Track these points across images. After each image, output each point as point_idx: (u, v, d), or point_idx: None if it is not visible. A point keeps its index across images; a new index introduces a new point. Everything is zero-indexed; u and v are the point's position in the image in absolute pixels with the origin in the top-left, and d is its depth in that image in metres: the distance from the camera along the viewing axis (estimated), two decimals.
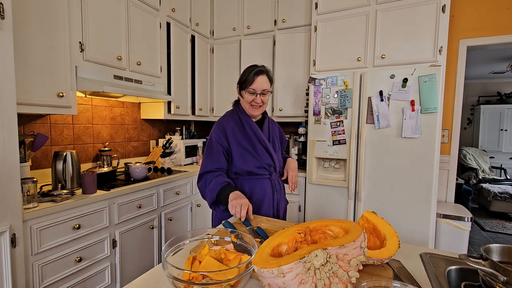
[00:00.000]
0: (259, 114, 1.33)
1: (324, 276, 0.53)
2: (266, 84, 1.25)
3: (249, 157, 1.27)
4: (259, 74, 1.24)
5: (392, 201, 1.98)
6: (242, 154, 1.27)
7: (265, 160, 1.29)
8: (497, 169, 5.01)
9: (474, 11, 2.29)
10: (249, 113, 1.29)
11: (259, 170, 1.28)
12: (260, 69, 1.26)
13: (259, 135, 1.30)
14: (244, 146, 1.28)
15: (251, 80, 1.23)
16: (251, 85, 1.23)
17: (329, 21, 2.40)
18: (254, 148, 1.28)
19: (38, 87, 1.48)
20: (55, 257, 1.40)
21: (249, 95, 1.25)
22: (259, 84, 1.24)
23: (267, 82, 1.26)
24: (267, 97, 1.29)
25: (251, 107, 1.27)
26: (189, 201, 2.40)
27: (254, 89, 1.24)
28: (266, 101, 1.29)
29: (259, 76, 1.24)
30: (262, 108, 1.29)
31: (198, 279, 0.58)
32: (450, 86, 2.38)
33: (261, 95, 1.25)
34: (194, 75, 2.85)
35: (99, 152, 2.10)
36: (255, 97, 1.25)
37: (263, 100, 1.27)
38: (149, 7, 2.23)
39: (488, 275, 0.61)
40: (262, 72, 1.25)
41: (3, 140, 1.15)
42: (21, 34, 1.39)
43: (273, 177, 1.34)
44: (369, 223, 0.83)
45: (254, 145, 1.28)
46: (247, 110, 1.29)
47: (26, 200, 1.30)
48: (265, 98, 1.27)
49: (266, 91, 1.26)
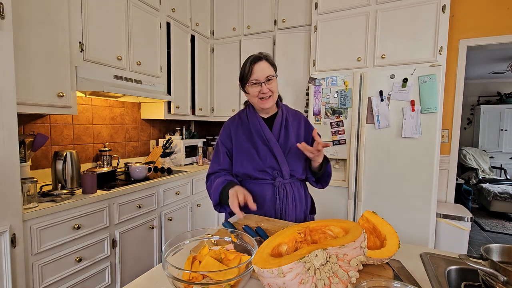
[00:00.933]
0: (272, 105, 1.18)
1: (324, 276, 0.53)
2: (268, 70, 1.12)
3: (247, 159, 1.17)
4: (256, 62, 1.11)
5: (392, 201, 1.98)
6: (240, 156, 1.18)
7: (267, 162, 1.15)
8: (497, 169, 5.00)
9: (474, 11, 2.28)
10: (260, 107, 1.16)
11: (260, 173, 1.16)
12: (256, 56, 1.13)
13: (264, 134, 1.17)
14: (244, 147, 1.18)
15: (250, 70, 1.11)
16: (251, 76, 1.11)
17: (329, 21, 2.40)
18: (256, 149, 1.17)
19: (38, 87, 1.48)
20: (55, 257, 1.40)
21: (254, 88, 1.12)
22: (259, 71, 1.11)
23: (269, 68, 1.13)
24: (275, 84, 1.14)
25: (260, 100, 1.14)
26: (189, 201, 2.40)
27: (256, 79, 1.11)
28: (275, 89, 1.15)
29: (256, 63, 1.11)
30: (272, 98, 1.15)
31: (198, 279, 0.58)
32: (450, 86, 2.38)
33: (266, 83, 1.11)
34: (194, 75, 2.86)
35: (99, 152, 2.10)
36: (260, 88, 1.11)
37: (270, 89, 1.12)
38: (149, 7, 2.23)
39: (488, 275, 0.61)
40: (259, 59, 1.12)
41: (3, 140, 1.15)
42: (21, 34, 1.39)
43: (277, 182, 1.16)
44: (369, 223, 0.83)
45: (256, 146, 1.17)
46: (258, 105, 1.16)
47: (26, 200, 1.30)
48: (272, 85, 1.13)
49: (270, 76, 1.12)
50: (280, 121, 1.20)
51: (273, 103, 1.17)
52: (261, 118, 1.21)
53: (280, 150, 1.16)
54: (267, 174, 1.16)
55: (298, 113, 1.29)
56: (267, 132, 1.17)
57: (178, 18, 2.57)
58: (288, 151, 1.17)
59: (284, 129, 1.20)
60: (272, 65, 1.15)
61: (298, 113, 1.29)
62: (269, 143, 1.16)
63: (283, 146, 1.17)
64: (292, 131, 1.20)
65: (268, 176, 1.17)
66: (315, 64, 2.47)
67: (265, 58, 1.14)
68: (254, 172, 1.16)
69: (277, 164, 1.16)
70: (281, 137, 1.18)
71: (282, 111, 1.22)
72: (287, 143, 1.18)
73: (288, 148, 1.18)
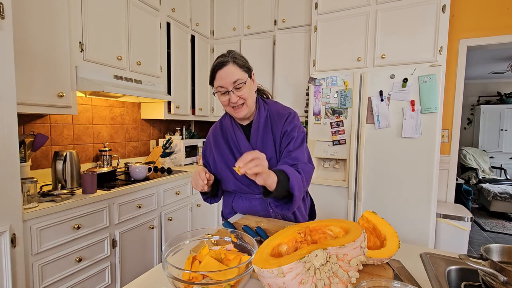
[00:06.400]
0: (247, 113, 1.04)
1: (324, 276, 0.53)
2: (236, 74, 0.96)
3: (231, 175, 1.09)
4: (221, 67, 0.96)
5: (392, 201, 1.98)
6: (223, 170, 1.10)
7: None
8: (497, 169, 5.00)
9: (474, 11, 2.28)
10: (234, 116, 1.04)
11: (248, 187, 1.09)
12: (220, 60, 0.97)
13: (239, 145, 1.07)
14: (226, 160, 1.09)
15: (214, 76, 0.98)
16: (216, 82, 0.98)
17: (329, 21, 2.40)
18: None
19: (38, 87, 1.48)
20: (55, 257, 1.39)
21: (222, 97, 0.99)
22: (224, 78, 0.95)
23: (237, 71, 0.96)
24: (246, 90, 0.98)
25: (233, 109, 1.01)
26: (189, 201, 2.40)
27: (222, 86, 0.97)
28: (248, 95, 0.99)
29: (221, 69, 0.96)
30: (246, 105, 1.01)
31: (198, 279, 0.58)
32: (450, 86, 2.38)
33: (235, 91, 0.96)
34: (194, 75, 2.85)
35: (99, 152, 2.10)
36: (229, 96, 0.97)
37: (241, 96, 0.97)
38: (149, 7, 2.23)
39: (488, 275, 0.61)
40: (223, 64, 0.96)
41: (3, 140, 1.15)
42: (21, 34, 1.39)
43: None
44: (369, 223, 0.83)
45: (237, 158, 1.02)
46: (231, 114, 1.05)
47: (26, 200, 1.30)
48: (243, 92, 0.97)
49: (239, 82, 0.96)
50: (256, 128, 1.06)
51: (248, 111, 1.03)
52: (238, 127, 1.10)
53: None
54: (254, 187, 1.07)
55: (283, 112, 1.09)
56: (243, 144, 1.07)
57: (178, 18, 2.57)
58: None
59: (262, 137, 1.06)
60: (241, 67, 0.98)
61: (283, 111, 1.09)
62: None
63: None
64: (270, 138, 1.06)
65: (256, 190, 1.08)
66: (315, 64, 2.47)
67: (233, 60, 0.97)
68: (241, 186, 1.09)
69: None
70: (258, 147, 1.05)
71: (259, 115, 1.07)
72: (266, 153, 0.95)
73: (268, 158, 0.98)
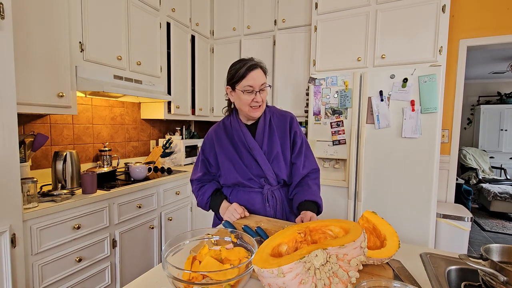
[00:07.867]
0: (260, 114, 1.15)
1: (324, 276, 0.53)
2: (263, 78, 1.09)
3: (233, 168, 1.15)
4: (253, 69, 1.07)
5: (392, 201, 1.98)
6: (225, 165, 1.16)
7: (253, 171, 1.14)
8: (497, 169, 5.00)
9: (474, 11, 2.28)
10: (251, 115, 1.12)
11: (247, 181, 1.15)
12: (253, 63, 1.08)
13: (247, 142, 1.14)
14: (229, 155, 1.16)
15: (245, 76, 1.06)
16: (246, 82, 1.06)
17: (329, 21, 2.40)
18: (241, 158, 1.14)
19: (38, 87, 1.48)
20: (55, 257, 1.39)
21: (247, 95, 1.07)
22: (256, 79, 1.06)
23: (263, 76, 1.10)
24: (265, 93, 1.12)
25: (251, 108, 1.10)
26: (189, 201, 2.40)
27: (251, 86, 1.06)
28: (265, 98, 1.13)
29: (253, 70, 1.07)
30: (262, 107, 1.13)
31: (198, 279, 0.58)
32: (450, 86, 2.38)
33: (260, 92, 1.08)
34: (194, 75, 2.85)
35: (99, 152, 2.10)
36: (254, 96, 1.07)
37: (263, 98, 1.10)
38: (149, 7, 2.23)
39: (488, 275, 0.61)
40: (255, 66, 1.07)
41: (3, 140, 1.15)
42: (21, 34, 1.39)
43: (265, 190, 1.15)
44: (369, 223, 0.83)
45: (241, 155, 1.14)
46: (247, 113, 1.12)
47: (26, 200, 1.30)
48: (264, 94, 1.11)
49: (265, 86, 1.09)
50: (263, 126, 1.16)
51: (262, 112, 1.15)
52: (244, 125, 1.18)
53: (265, 158, 1.13)
54: (255, 182, 1.15)
55: (284, 115, 1.22)
56: (250, 140, 1.14)
57: (178, 18, 2.57)
58: (273, 158, 1.14)
59: (268, 135, 1.16)
60: (265, 73, 1.12)
61: (285, 114, 1.23)
62: (253, 151, 1.13)
63: (267, 153, 1.15)
64: (276, 136, 1.16)
65: (255, 184, 1.15)
66: (315, 64, 2.47)
67: (260, 66, 1.10)
68: (242, 180, 1.15)
69: (262, 172, 1.14)
70: (265, 144, 1.15)
71: (265, 115, 1.18)
72: (272, 150, 1.15)
73: (273, 155, 1.14)
